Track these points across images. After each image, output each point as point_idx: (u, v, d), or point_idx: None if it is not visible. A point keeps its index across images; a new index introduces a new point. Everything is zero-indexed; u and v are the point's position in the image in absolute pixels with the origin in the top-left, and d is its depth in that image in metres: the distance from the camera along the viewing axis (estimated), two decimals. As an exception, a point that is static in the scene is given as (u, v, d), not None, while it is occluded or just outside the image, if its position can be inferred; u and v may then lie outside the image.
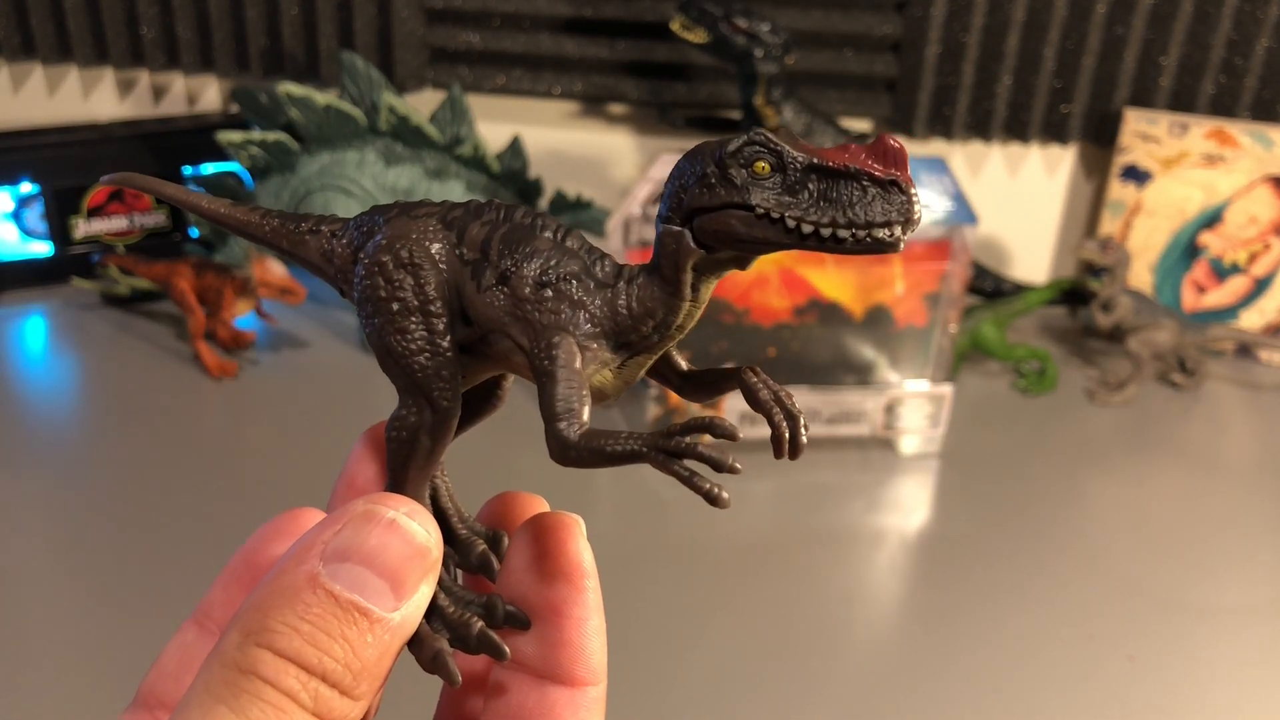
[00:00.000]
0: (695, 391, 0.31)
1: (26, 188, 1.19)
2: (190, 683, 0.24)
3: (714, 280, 0.28)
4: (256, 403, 1.05)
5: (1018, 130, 1.23)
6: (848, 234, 0.25)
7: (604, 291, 0.28)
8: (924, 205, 0.32)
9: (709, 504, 0.25)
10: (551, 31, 1.24)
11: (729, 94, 1.23)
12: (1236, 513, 0.97)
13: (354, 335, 1.15)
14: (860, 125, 1.26)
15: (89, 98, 1.33)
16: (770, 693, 0.74)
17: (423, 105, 1.18)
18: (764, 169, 0.26)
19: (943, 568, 0.88)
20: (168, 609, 0.44)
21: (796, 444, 0.27)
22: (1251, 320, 1.21)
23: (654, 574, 0.85)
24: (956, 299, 0.98)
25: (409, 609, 0.25)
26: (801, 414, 0.27)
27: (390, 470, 0.30)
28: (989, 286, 1.23)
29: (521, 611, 0.28)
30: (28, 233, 1.21)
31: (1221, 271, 1.20)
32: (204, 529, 0.87)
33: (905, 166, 0.25)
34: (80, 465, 0.95)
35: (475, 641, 0.28)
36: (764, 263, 0.95)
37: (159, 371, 1.08)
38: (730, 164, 0.26)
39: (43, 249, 1.21)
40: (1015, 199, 1.29)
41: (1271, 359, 1.20)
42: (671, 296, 0.28)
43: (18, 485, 0.92)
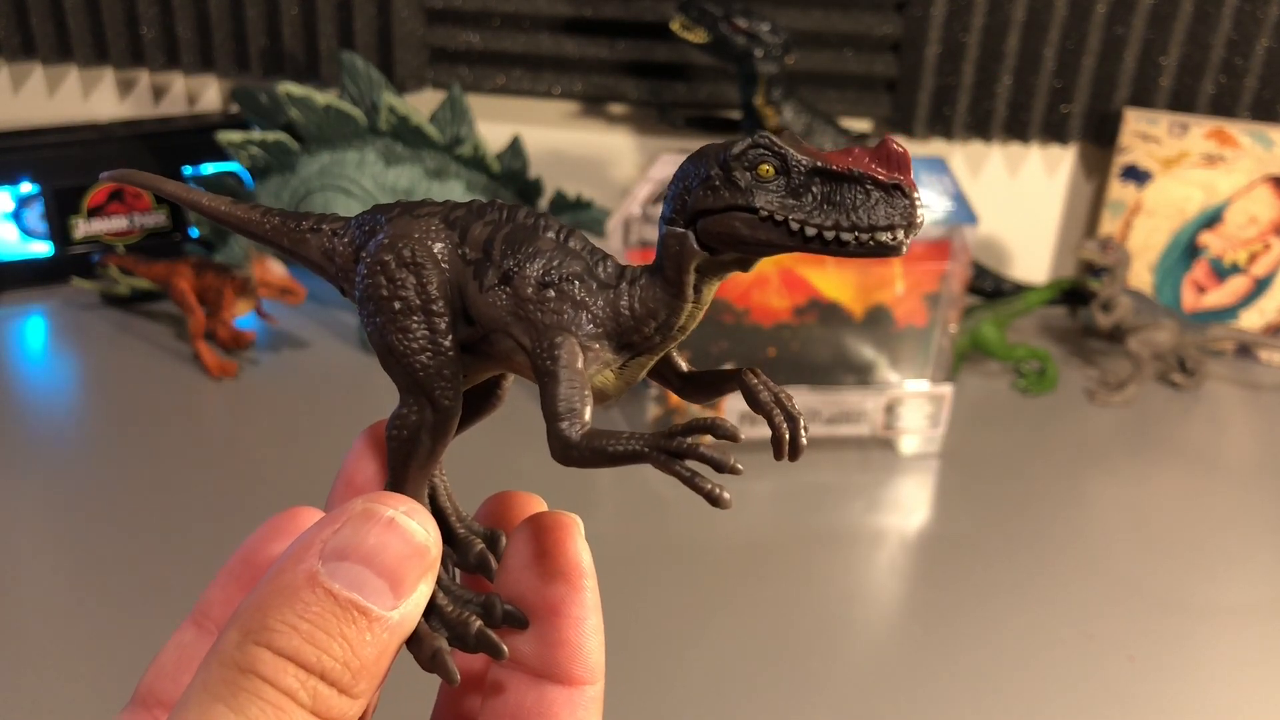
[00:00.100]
0: (695, 392, 0.31)
1: (26, 188, 1.19)
2: (188, 682, 0.24)
3: (716, 282, 0.28)
4: (256, 403, 1.05)
5: (1018, 130, 1.23)
6: (851, 237, 0.25)
7: (606, 292, 0.28)
8: (925, 207, 0.32)
9: (710, 504, 0.25)
10: (551, 31, 1.24)
11: (729, 94, 1.23)
12: (1236, 513, 0.97)
13: (354, 335, 1.15)
14: (860, 125, 1.26)
15: (89, 98, 1.33)
16: (770, 693, 0.74)
17: (423, 105, 1.18)
18: (768, 172, 0.26)
19: (943, 568, 0.88)
20: (166, 608, 0.44)
21: (796, 445, 0.27)
22: (1251, 320, 1.21)
23: (654, 574, 0.85)
24: (956, 299, 0.98)
25: (408, 608, 0.25)
26: (801, 415, 0.28)
27: (390, 469, 0.30)
28: (989, 286, 1.23)
29: (519, 611, 0.29)
30: (28, 233, 1.21)
31: (1221, 271, 1.20)
32: (203, 528, 0.87)
33: (908, 170, 0.25)
34: (80, 465, 0.95)
35: (473, 640, 0.28)
36: (764, 263, 0.94)
37: (159, 371, 1.08)
38: (735, 166, 0.26)
39: (43, 249, 1.21)
40: (1015, 199, 1.29)
41: (1271, 359, 1.20)
42: (674, 298, 0.28)
43: (18, 485, 0.92)
